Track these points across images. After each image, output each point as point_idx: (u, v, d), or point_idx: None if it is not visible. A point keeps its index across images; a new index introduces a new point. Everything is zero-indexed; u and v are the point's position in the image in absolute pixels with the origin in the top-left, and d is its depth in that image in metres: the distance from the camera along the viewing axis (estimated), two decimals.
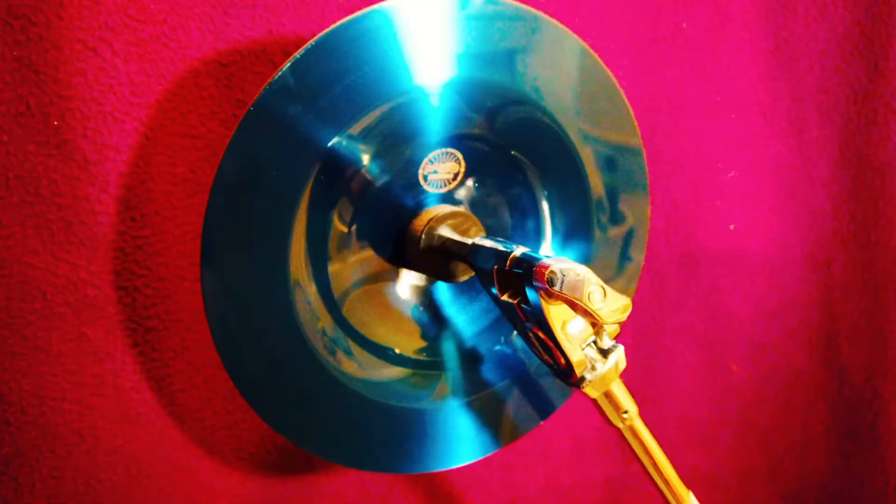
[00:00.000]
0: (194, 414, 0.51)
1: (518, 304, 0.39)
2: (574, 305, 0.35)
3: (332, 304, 0.43)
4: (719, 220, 0.67)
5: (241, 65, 0.48)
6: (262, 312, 0.41)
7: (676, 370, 0.70)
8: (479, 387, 0.49)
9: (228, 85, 0.48)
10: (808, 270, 0.69)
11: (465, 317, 0.50)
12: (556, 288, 0.33)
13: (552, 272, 0.33)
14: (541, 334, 0.39)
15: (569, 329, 0.37)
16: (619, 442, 0.71)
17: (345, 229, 0.44)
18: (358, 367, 0.45)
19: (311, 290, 0.42)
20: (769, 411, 0.72)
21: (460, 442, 0.49)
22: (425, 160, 0.46)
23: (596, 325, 0.39)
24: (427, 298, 0.49)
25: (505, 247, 0.40)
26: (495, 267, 0.39)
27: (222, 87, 0.48)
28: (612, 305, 0.34)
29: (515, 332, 0.51)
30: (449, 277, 0.46)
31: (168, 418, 0.50)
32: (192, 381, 0.50)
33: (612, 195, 0.52)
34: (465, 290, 0.50)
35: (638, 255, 0.54)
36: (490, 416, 0.50)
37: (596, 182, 0.51)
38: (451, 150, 0.46)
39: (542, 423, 0.53)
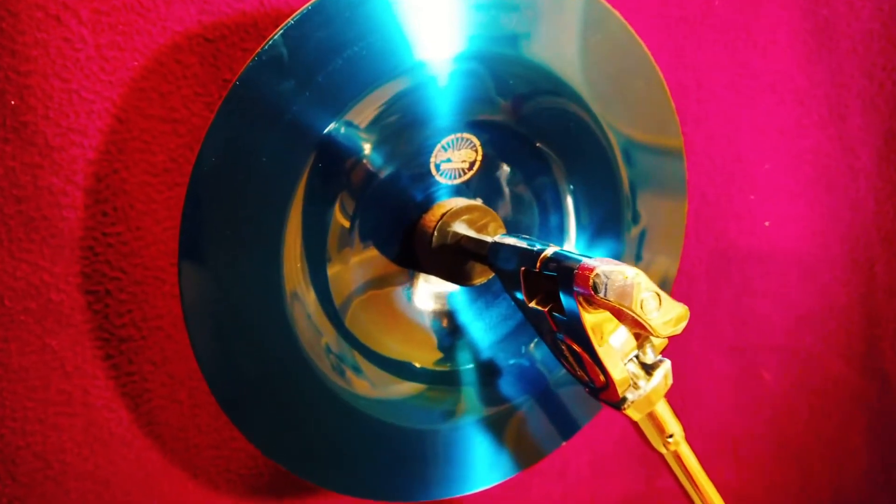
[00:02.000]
0: (177, 433, 0.45)
1: (549, 311, 0.33)
2: (620, 314, 0.29)
3: (334, 313, 0.38)
4: (752, 215, 0.62)
5: (229, 40, 0.43)
6: (255, 327, 0.36)
7: (703, 377, 0.65)
8: (497, 404, 0.44)
9: (214, 63, 0.43)
10: (849, 270, 0.64)
11: (481, 324, 0.44)
12: (602, 294, 0.28)
13: (597, 276, 0.28)
14: (576, 347, 0.33)
15: (611, 342, 0.32)
16: (642, 457, 0.67)
17: (346, 223, 0.38)
18: (370, 385, 0.39)
19: (310, 297, 0.37)
20: (803, 422, 0.68)
21: (477, 465, 0.44)
22: (438, 147, 0.40)
23: (640, 337, 0.34)
24: (439, 304, 0.43)
25: (532, 245, 0.34)
26: (522, 269, 0.34)
27: (207, 66, 0.42)
28: (667, 315, 0.29)
29: (534, 343, 0.45)
30: (464, 280, 0.41)
31: (146, 439, 0.44)
32: (173, 396, 0.44)
33: (646, 195, 0.47)
34: (481, 293, 0.45)
35: (672, 261, 0.49)
36: (509, 436, 0.45)
37: (628, 181, 0.46)
38: (467, 135, 0.41)
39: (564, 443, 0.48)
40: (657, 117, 0.46)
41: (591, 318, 0.31)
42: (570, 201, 0.46)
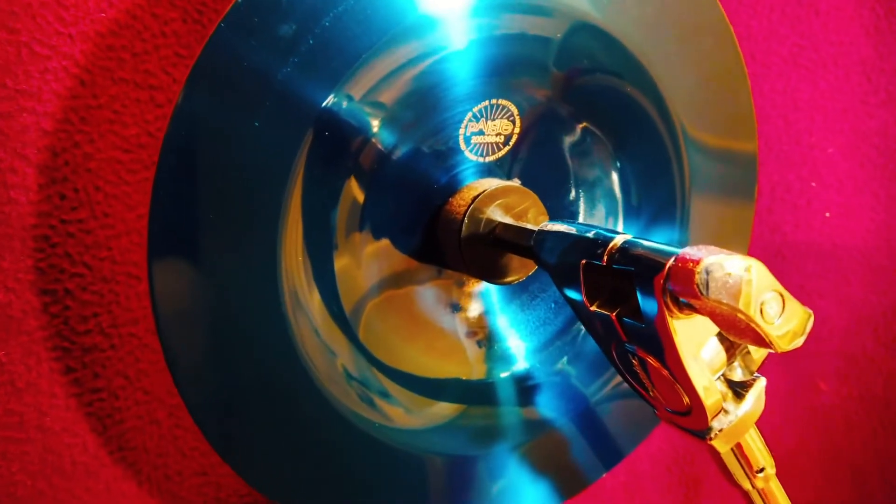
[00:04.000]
0: (155, 459, 0.38)
1: (617, 316, 0.26)
2: (725, 321, 0.22)
3: (345, 323, 0.31)
4: (811, 206, 0.55)
5: None
6: (248, 338, 0.29)
7: None
8: (536, 426, 0.37)
9: (199, 20, 0.36)
10: None
11: (517, 330, 0.37)
12: (709, 294, 0.21)
13: (706, 270, 0.21)
14: (652, 361, 0.26)
15: (702, 356, 0.25)
16: (682, 476, 0.60)
17: (359, 198, 0.31)
18: (404, 411, 0.32)
19: (314, 301, 0.30)
20: (862, 439, 0.61)
21: (515, 497, 0.37)
22: (469, 115, 0.33)
23: (732, 349, 0.27)
24: (469, 306, 0.36)
25: (594, 233, 0.27)
26: (583, 262, 0.27)
27: (191, 22, 0.36)
28: (790, 322, 0.22)
29: (573, 354, 0.38)
30: (499, 276, 0.34)
31: (117, 467, 0.37)
32: (151, 415, 0.37)
33: (706, 195, 0.40)
34: (516, 293, 0.38)
35: None
36: (548, 464, 0.38)
37: (689, 175, 0.39)
38: (504, 101, 0.34)
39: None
40: (739, 132, 0.40)
41: (680, 326, 0.24)
42: (617, 186, 0.39)
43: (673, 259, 0.22)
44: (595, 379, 0.39)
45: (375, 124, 0.31)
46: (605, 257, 0.26)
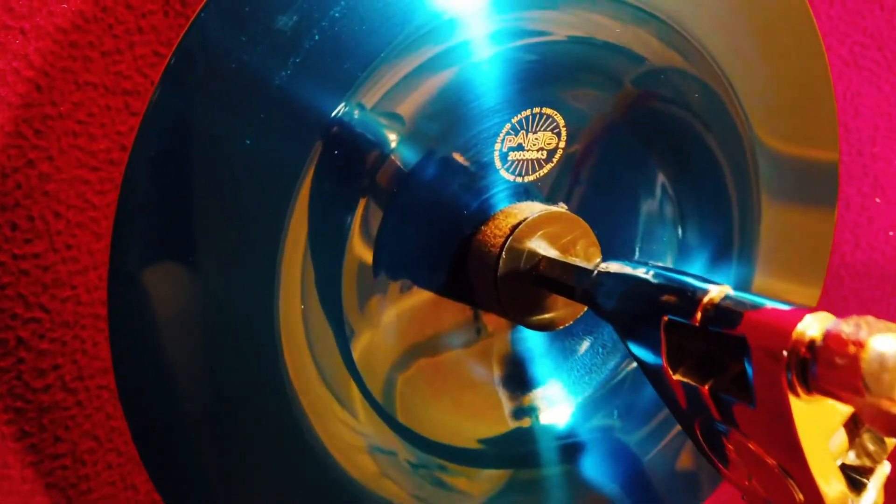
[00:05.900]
0: None
1: (711, 391, 0.20)
2: (879, 416, 0.16)
3: (382, 413, 0.25)
4: (873, 223, 0.49)
5: None
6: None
7: None
8: (578, 491, 0.31)
9: (183, 12, 0.30)
10: None
11: (560, 381, 0.31)
12: (878, 389, 0.15)
13: (875, 359, 0.15)
14: (754, 447, 0.20)
15: (828, 446, 0.19)
16: None
17: (368, 255, 0.25)
18: (467, 479, 0.26)
19: (355, 404, 0.24)
20: None
21: None
22: (507, 126, 0.27)
23: (856, 430, 0.21)
24: (502, 356, 0.30)
25: (676, 280, 0.21)
26: (665, 319, 0.21)
27: (173, 15, 0.30)
28: None
29: (615, 413, 0.33)
30: (541, 320, 0.28)
31: None
32: (126, 480, 0.32)
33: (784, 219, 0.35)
34: (557, 337, 0.32)
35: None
36: None
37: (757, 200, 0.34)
38: (548, 110, 0.28)
39: None
40: (818, 142, 0.34)
41: (804, 410, 0.18)
42: (675, 212, 0.33)
43: (820, 336, 0.16)
44: (648, 436, 0.33)
45: (393, 139, 0.25)
46: (699, 315, 0.20)
